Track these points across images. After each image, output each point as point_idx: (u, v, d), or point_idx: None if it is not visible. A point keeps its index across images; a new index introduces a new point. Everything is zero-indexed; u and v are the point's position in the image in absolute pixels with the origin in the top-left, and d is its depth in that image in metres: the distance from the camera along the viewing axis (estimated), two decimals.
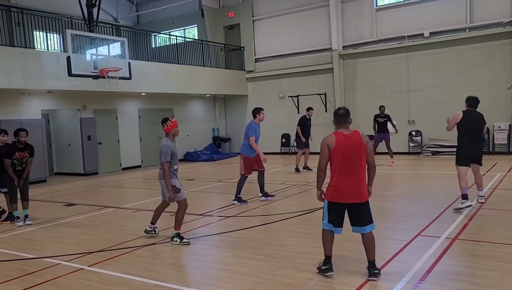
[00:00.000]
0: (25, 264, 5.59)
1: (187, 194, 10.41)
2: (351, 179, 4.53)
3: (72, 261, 5.58)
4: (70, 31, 11.74)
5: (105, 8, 18.34)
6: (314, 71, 17.95)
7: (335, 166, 4.58)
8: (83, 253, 5.95)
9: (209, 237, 6.60)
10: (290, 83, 18.71)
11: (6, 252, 6.21)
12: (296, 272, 4.80)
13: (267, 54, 19.44)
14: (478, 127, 7.50)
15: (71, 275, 5.08)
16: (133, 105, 17.14)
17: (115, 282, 4.79)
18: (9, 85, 11.84)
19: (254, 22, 19.65)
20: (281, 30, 18.88)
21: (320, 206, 8.00)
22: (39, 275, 5.15)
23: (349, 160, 4.52)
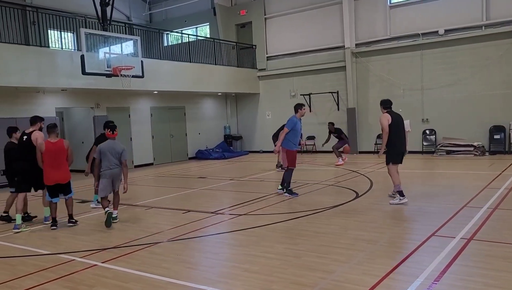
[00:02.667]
0: (40, 260, 5.66)
1: (198, 192, 10.50)
2: None
3: (86, 258, 5.64)
4: (84, 30, 11.84)
5: (118, 7, 18.46)
6: (326, 69, 17.87)
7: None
8: (96, 249, 6.00)
9: (221, 235, 6.61)
10: (302, 81, 18.65)
11: (21, 248, 6.30)
12: (308, 271, 4.78)
13: (279, 52, 19.40)
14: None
15: (85, 271, 5.13)
16: (145, 103, 17.24)
17: (128, 278, 4.82)
18: (24, 83, 11.99)
19: (266, 20, 19.62)
20: (293, 28, 18.82)
21: (332, 205, 7.98)
22: (54, 271, 5.20)
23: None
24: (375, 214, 7.32)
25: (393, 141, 7.84)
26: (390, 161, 7.96)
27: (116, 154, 7.33)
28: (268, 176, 12.55)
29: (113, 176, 7.36)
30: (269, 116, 19.84)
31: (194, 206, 8.70)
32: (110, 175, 7.32)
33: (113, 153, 7.31)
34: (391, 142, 7.85)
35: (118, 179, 7.43)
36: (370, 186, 9.92)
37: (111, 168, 7.30)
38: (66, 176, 7.43)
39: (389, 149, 7.95)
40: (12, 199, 8.01)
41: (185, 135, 18.90)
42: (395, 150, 7.91)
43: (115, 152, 7.32)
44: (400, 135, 7.95)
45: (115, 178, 7.39)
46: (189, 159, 18.89)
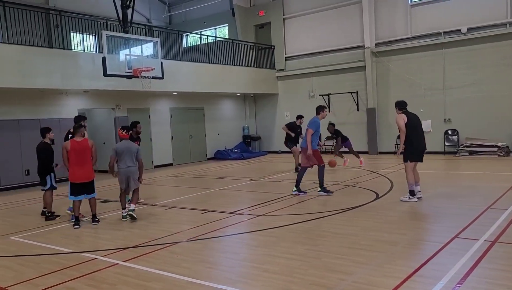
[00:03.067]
0: (64, 258, 5.77)
1: (217, 192, 10.55)
2: None
3: (108, 256, 5.72)
4: (106, 32, 12.04)
5: (138, 9, 18.68)
6: (346, 69, 17.74)
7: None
8: (118, 248, 6.09)
9: (240, 235, 6.62)
10: (321, 81, 18.56)
11: (45, 246, 6.44)
12: (328, 272, 4.75)
13: (298, 52, 19.34)
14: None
15: (107, 269, 5.21)
16: (165, 104, 17.42)
17: (149, 277, 4.88)
18: (48, 85, 12.25)
19: (285, 21, 19.59)
20: (312, 28, 18.75)
21: (352, 206, 7.91)
22: (77, 269, 5.30)
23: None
24: (396, 215, 7.23)
25: (411, 140, 7.99)
26: (408, 159, 8.09)
27: (132, 154, 7.70)
28: (287, 176, 12.51)
29: (128, 174, 7.71)
30: (288, 116, 19.76)
31: (214, 206, 8.74)
32: (125, 173, 7.69)
33: (129, 152, 7.67)
34: (409, 141, 8.01)
35: (133, 178, 7.76)
36: (390, 187, 9.81)
37: (127, 166, 7.68)
38: (90, 175, 7.62)
39: (407, 147, 8.08)
40: (49, 196, 8.29)
41: (204, 136, 19.01)
42: (413, 148, 8.04)
43: (130, 152, 7.69)
44: (418, 134, 8.10)
45: (130, 176, 7.73)
46: (208, 159, 18.99)
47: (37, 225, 7.89)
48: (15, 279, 5.04)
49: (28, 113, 13.26)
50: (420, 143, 8.13)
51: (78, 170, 7.45)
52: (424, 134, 8.35)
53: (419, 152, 8.13)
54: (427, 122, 15.42)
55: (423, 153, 8.23)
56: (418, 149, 8.09)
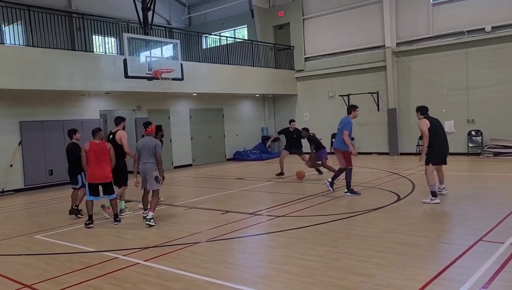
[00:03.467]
0: (86, 257, 5.86)
1: (237, 193, 10.57)
2: None
3: (129, 256, 5.79)
4: (127, 34, 12.21)
5: (158, 11, 18.89)
6: (366, 69, 17.56)
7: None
8: (139, 248, 6.15)
9: (259, 236, 6.62)
10: (340, 81, 18.41)
11: (69, 245, 6.55)
12: (349, 274, 4.70)
13: (317, 53, 19.24)
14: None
15: (128, 269, 5.27)
16: (184, 105, 17.55)
17: (169, 277, 4.92)
18: (71, 87, 12.48)
19: (304, 21, 19.51)
20: (332, 28, 18.63)
21: (373, 208, 7.82)
22: (99, 267, 5.38)
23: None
24: (418, 217, 7.12)
25: (432, 144, 8.07)
26: (429, 161, 8.14)
27: (149, 150, 7.48)
28: (307, 177, 12.45)
29: (144, 171, 7.51)
30: (307, 117, 19.70)
31: (233, 207, 8.76)
32: (142, 169, 7.53)
33: (146, 149, 7.51)
34: (431, 145, 8.10)
35: (149, 175, 7.49)
36: (412, 188, 9.66)
37: (143, 163, 7.53)
38: (108, 175, 7.69)
39: (430, 150, 8.16)
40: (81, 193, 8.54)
41: (223, 137, 19.08)
42: (434, 151, 8.11)
43: (147, 148, 7.51)
44: (440, 138, 8.17)
45: (146, 173, 7.51)
46: (227, 160, 19.05)
47: (60, 224, 8.04)
48: (40, 277, 5.15)
49: (52, 114, 13.54)
50: (442, 147, 8.18)
51: (96, 170, 7.57)
52: (446, 137, 8.35)
53: (441, 155, 8.20)
54: (450, 123, 15.15)
55: (445, 156, 8.27)
56: (439, 152, 8.17)
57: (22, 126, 12.83)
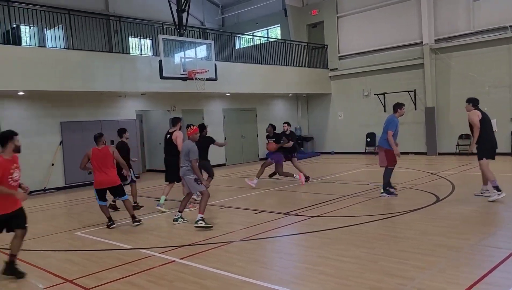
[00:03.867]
0: (124, 254, 5.99)
1: (270, 193, 10.55)
2: None
3: (165, 253, 5.87)
4: (162, 36, 12.41)
5: (192, 12, 19.12)
6: (403, 67, 17.14)
7: None
8: (174, 246, 6.23)
9: (294, 236, 6.57)
10: (375, 80, 18.06)
11: (107, 242, 6.73)
12: (386, 276, 4.59)
13: (352, 51, 18.95)
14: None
15: (164, 266, 5.35)
16: (218, 105, 17.68)
17: (204, 275, 4.95)
18: (108, 88, 12.81)
19: (339, 19, 19.27)
20: (366, 26, 18.31)
21: (410, 209, 7.61)
22: (136, 264, 5.49)
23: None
24: (458, 219, 6.87)
25: (484, 137, 7.91)
26: (483, 156, 7.94)
27: (185, 154, 7.41)
28: (341, 177, 12.29)
29: (183, 175, 7.44)
30: (341, 116, 19.46)
31: (266, 206, 8.74)
32: (181, 173, 7.48)
33: (183, 152, 7.47)
34: (483, 138, 7.92)
35: (187, 179, 7.35)
36: (452, 189, 9.35)
37: (181, 167, 7.50)
38: (114, 179, 7.60)
39: (481, 144, 7.96)
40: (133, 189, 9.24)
41: (256, 136, 19.11)
42: (486, 145, 7.94)
43: (183, 152, 7.46)
44: (490, 132, 8.06)
45: (183, 178, 7.44)
46: (260, 160, 19.05)
47: (99, 221, 8.25)
48: (80, 272, 5.30)
49: (90, 115, 13.95)
50: (492, 140, 8.01)
51: (100, 176, 7.51)
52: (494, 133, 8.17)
53: (493, 149, 8.05)
54: (493, 122, 14.55)
55: (495, 150, 8.08)
56: (492, 146, 8.00)
57: (62, 126, 13.29)
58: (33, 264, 5.78)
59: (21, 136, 12.19)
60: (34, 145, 12.59)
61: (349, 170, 13.84)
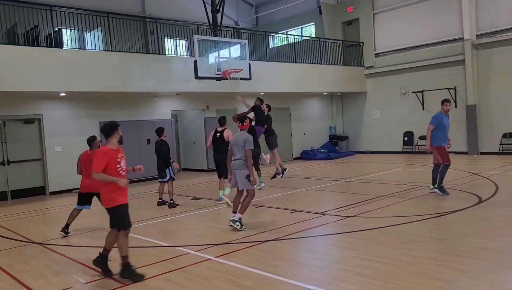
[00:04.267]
0: (161, 251, 6.10)
1: (304, 192, 10.47)
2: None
3: (201, 251, 5.93)
4: (197, 36, 12.55)
5: (227, 12, 19.26)
6: (442, 64, 16.60)
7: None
8: (209, 244, 6.28)
9: (329, 237, 6.48)
10: (413, 77, 17.58)
11: (144, 239, 6.86)
12: (425, 279, 4.45)
13: (388, 48, 18.53)
14: None
15: (200, 264, 5.40)
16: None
17: (239, 274, 4.96)
18: (145, 88, 13.09)
19: (375, 16, 18.89)
20: (404, 22, 17.85)
21: (451, 210, 7.35)
22: (173, 262, 5.57)
23: None
24: (502, 222, 6.59)
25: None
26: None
27: (240, 146, 6.91)
28: (378, 177, 12.06)
29: (233, 169, 6.99)
30: (377, 115, 19.08)
31: (301, 206, 8.67)
32: (231, 166, 7.05)
33: (237, 143, 6.99)
34: None
35: (238, 173, 6.90)
36: (495, 190, 8.98)
37: (233, 159, 7.03)
38: (96, 186, 7.00)
39: None
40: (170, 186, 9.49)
41: (290, 136, 19.02)
42: None
43: (239, 144, 6.96)
44: None
45: (235, 171, 6.97)
46: (294, 159, 18.98)
47: (137, 219, 8.42)
48: (118, 268, 5.41)
49: (128, 115, 14.29)
50: None
51: (84, 180, 7.30)
52: None
53: None
54: None
55: None
56: None
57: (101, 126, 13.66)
58: (74, 259, 5.98)
59: (62, 136, 12.66)
60: (75, 144, 12.99)
61: (385, 169, 13.56)
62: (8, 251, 6.66)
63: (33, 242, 7.09)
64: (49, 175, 12.72)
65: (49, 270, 5.59)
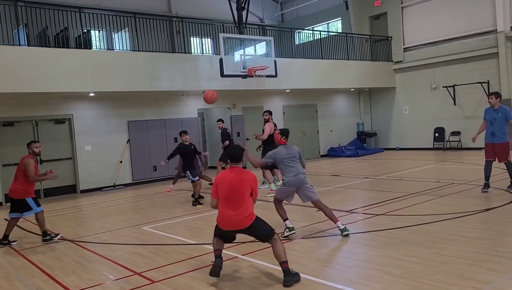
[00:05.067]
0: (188, 249, 6.14)
1: (332, 190, 10.33)
2: None
3: (227, 249, 5.89)
4: (223, 34, 12.56)
5: (252, 10, 19.23)
6: (474, 57, 16.07)
7: None
8: (236, 242, 6.20)
9: (358, 235, 6.36)
10: (444, 72, 17.10)
11: (172, 237, 6.92)
12: (458, 279, 4.30)
13: (418, 42, 18.08)
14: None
15: (227, 262, 5.37)
16: (278, 101, 17.64)
17: (267, 272, 4.94)
18: (171, 88, 13.21)
19: (403, 9, 18.46)
20: (433, 15, 17.38)
21: (484, 208, 7.10)
22: (200, 259, 5.59)
23: None
24: None
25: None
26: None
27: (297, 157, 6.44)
28: (407, 174, 11.79)
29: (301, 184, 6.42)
30: (407, 111, 18.67)
31: (328, 204, 8.43)
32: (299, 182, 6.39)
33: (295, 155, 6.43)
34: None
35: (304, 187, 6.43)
36: None
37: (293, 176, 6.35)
38: (14, 190, 6.99)
39: None
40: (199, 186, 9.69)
41: (317, 133, 18.85)
42: None
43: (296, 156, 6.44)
44: None
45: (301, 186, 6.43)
46: (321, 156, 18.80)
47: (165, 217, 8.53)
48: (147, 265, 5.49)
49: (155, 114, 14.47)
50: None
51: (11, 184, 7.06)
52: None
53: None
54: None
55: None
56: None
57: (130, 125, 13.91)
58: (104, 256, 6.09)
59: (91, 135, 12.94)
60: (104, 143, 13.31)
61: (415, 166, 13.25)
62: (41, 248, 6.84)
63: (65, 239, 7.26)
64: (79, 173, 13.04)
65: (80, 266, 5.71)
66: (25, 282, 5.27)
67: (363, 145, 19.36)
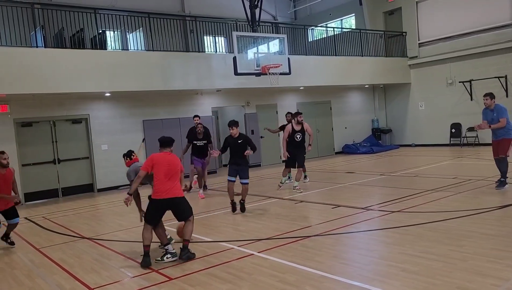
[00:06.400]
0: (204, 246, 6.18)
1: (347, 187, 10.29)
2: None
3: (243, 247, 5.96)
4: (236, 33, 12.59)
5: (265, 7, 19.22)
6: (491, 51, 15.80)
7: None
8: (252, 239, 6.30)
9: (374, 232, 6.34)
10: (460, 67, 16.86)
11: None
12: (477, 276, 4.26)
13: (433, 37, 17.85)
14: None
15: (243, 259, 5.43)
16: (291, 99, 17.60)
17: (283, 269, 4.95)
18: (185, 86, 13.30)
19: (418, 4, 18.23)
20: (449, 9, 17.13)
21: (502, 205, 6.99)
22: (216, 257, 5.63)
23: None
24: None
25: None
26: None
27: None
28: (423, 170, 11.67)
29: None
30: (422, 107, 18.47)
31: (344, 201, 8.54)
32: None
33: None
34: None
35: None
36: None
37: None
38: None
39: None
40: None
41: (331, 130, 18.77)
42: None
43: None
44: None
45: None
46: (335, 153, 18.72)
47: None
48: (164, 263, 5.54)
49: (170, 113, 14.57)
50: None
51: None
52: None
53: None
54: None
55: None
56: None
57: (145, 124, 14.04)
58: (121, 254, 6.18)
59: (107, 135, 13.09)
60: (119, 142, 13.43)
61: (432, 163, 13.11)
62: (61, 245, 6.97)
63: (83, 237, 7.39)
64: (96, 172, 13.21)
65: (99, 264, 5.80)
66: (46, 279, 5.38)
67: (378, 141, 19.22)
